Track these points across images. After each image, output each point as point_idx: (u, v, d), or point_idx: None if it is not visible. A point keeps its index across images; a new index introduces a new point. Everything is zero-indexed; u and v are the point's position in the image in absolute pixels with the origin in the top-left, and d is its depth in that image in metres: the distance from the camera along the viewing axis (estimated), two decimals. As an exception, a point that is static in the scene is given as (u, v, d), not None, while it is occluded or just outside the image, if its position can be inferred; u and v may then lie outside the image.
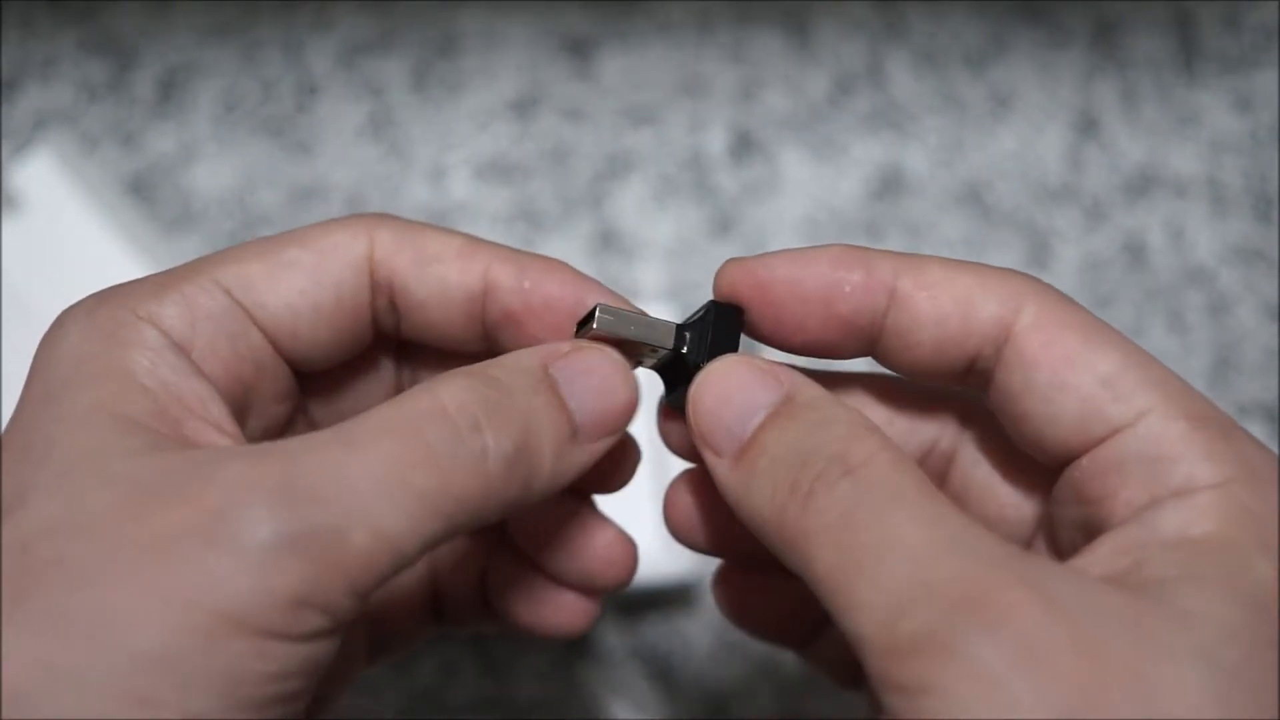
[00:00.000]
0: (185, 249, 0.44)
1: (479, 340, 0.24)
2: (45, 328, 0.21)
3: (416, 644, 0.28)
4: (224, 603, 0.17)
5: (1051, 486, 0.22)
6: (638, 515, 0.27)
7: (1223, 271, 0.45)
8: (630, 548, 0.25)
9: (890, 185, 0.46)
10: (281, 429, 0.24)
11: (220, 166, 0.46)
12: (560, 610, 0.26)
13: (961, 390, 0.24)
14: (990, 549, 0.18)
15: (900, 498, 0.19)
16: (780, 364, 0.22)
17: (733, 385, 0.22)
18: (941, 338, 0.22)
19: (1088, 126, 0.47)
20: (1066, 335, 0.21)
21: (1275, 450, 0.43)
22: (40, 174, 0.41)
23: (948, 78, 0.47)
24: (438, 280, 0.23)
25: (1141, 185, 0.46)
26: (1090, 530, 0.20)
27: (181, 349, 0.21)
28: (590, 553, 0.25)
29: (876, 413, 0.25)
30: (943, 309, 0.22)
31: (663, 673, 0.40)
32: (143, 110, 0.46)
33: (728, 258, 0.24)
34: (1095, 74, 0.48)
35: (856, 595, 0.18)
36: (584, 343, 0.23)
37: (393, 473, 0.19)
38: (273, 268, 0.23)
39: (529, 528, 0.25)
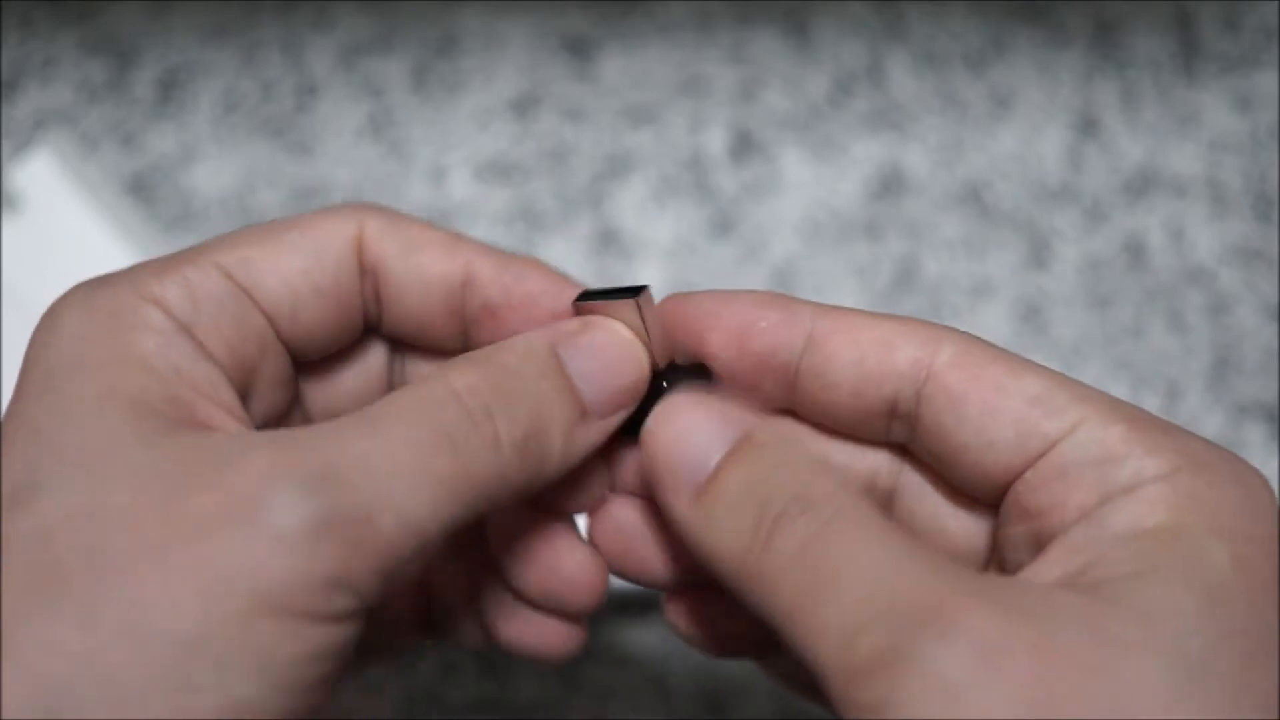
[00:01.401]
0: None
1: (457, 337, 0.24)
2: (45, 327, 0.21)
3: (405, 653, 0.28)
4: (260, 585, 0.17)
5: (997, 513, 0.22)
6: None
7: (1223, 271, 0.45)
8: (599, 571, 0.25)
9: (890, 185, 0.46)
10: (281, 416, 0.24)
11: (220, 166, 0.46)
12: (543, 633, 0.26)
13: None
14: (942, 566, 0.18)
15: (855, 528, 0.19)
16: (737, 405, 0.22)
17: (690, 423, 0.22)
18: (859, 378, 0.22)
19: (1088, 126, 0.47)
20: (989, 368, 0.21)
21: (1276, 451, 0.43)
22: (40, 174, 0.41)
23: (948, 78, 0.47)
24: (419, 268, 0.24)
25: (1141, 185, 0.46)
26: (1040, 544, 0.20)
27: (186, 330, 0.21)
28: (559, 572, 0.25)
29: (815, 444, 0.24)
30: (860, 349, 0.22)
31: (662, 673, 0.40)
32: (143, 110, 0.46)
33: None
34: (1095, 74, 0.48)
35: (815, 623, 0.18)
36: (592, 319, 0.23)
37: (415, 459, 0.19)
38: (271, 250, 0.23)
39: (505, 543, 0.25)
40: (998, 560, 0.23)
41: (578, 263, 0.45)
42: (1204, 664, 0.17)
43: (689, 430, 0.22)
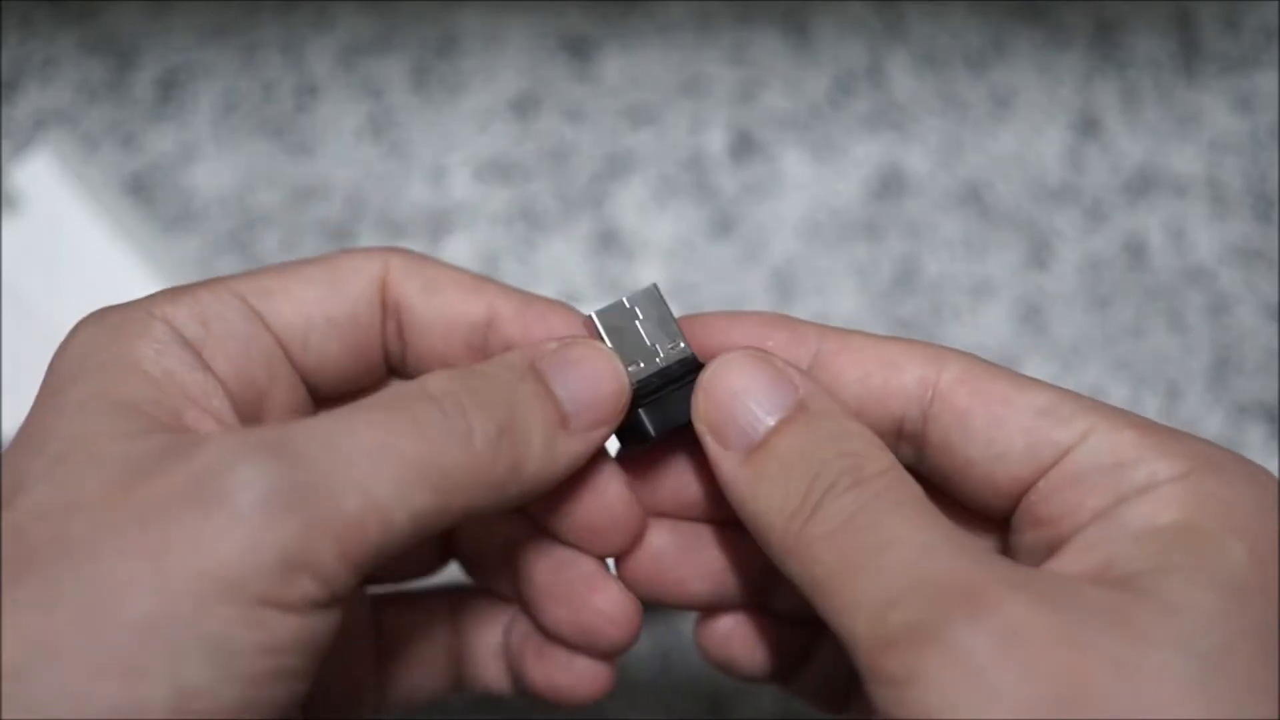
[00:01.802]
0: (185, 249, 0.44)
1: None
2: (45, 327, 0.21)
3: (434, 698, 0.27)
4: (213, 564, 0.17)
5: (1002, 530, 0.22)
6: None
7: (1223, 271, 0.45)
8: (632, 608, 0.25)
9: (890, 185, 0.46)
10: None
11: (220, 166, 0.46)
12: (572, 674, 0.25)
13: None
14: (978, 553, 0.19)
15: (901, 506, 0.19)
16: (794, 367, 0.22)
17: (747, 380, 0.22)
18: (863, 398, 0.22)
19: (1088, 126, 0.47)
20: (994, 383, 0.21)
21: (1276, 450, 0.43)
22: (40, 174, 0.41)
23: (948, 78, 0.47)
24: (442, 306, 0.24)
25: (1141, 185, 0.46)
26: (1053, 550, 0.21)
27: (191, 345, 0.21)
28: (593, 608, 0.24)
29: None
30: (865, 369, 0.22)
31: (662, 673, 0.40)
32: (143, 110, 0.46)
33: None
34: (1095, 74, 0.48)
35: (852, 594, 0.19)
36: (571, 337, 0.23)
37: (381, 440, 0.19)
38: (289, 281, 0.23)
39: (535, 581, 0.25)
40: None
41: (577, 263, 0.45)
42: (1221, 661, 0.17)
43: (746, 389, 0.22)
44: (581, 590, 0.24)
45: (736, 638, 0.25)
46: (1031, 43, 0.48)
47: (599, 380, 0.22)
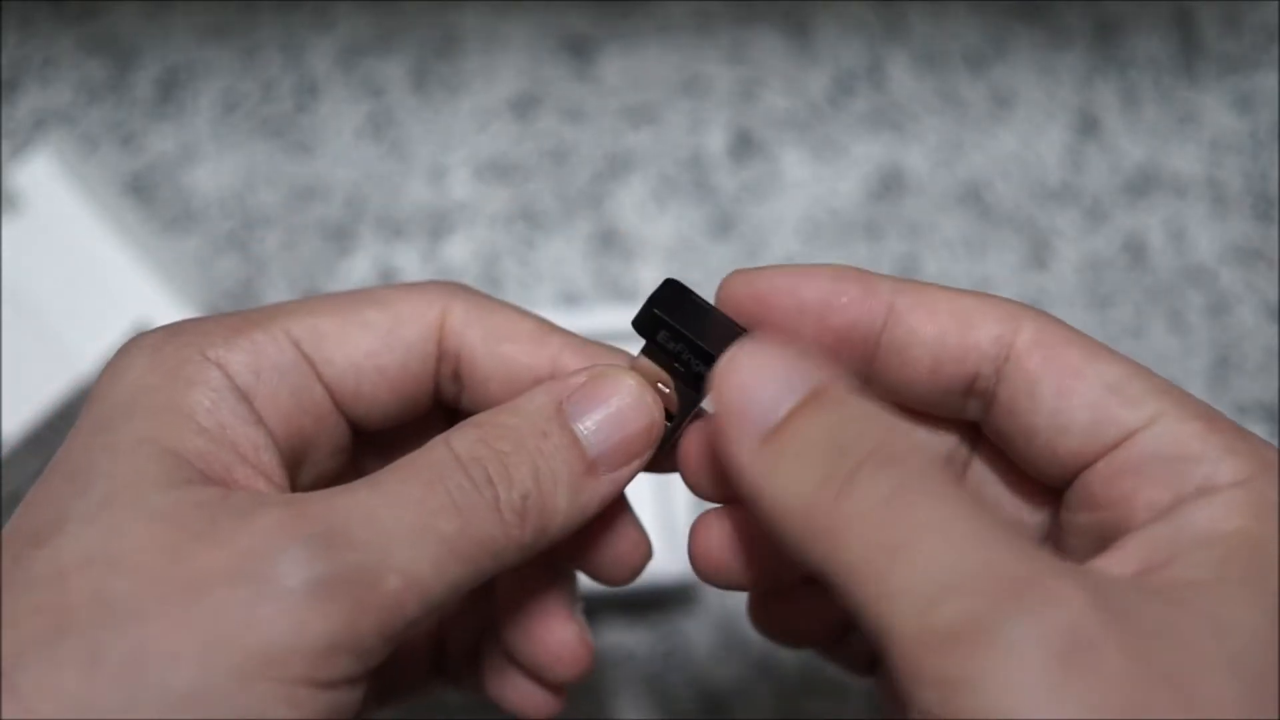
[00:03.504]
0: (185, 249, 0.44)
1: None
2: (45, 327, 0.21)
3: (418, 698, 0.28)
4: (260, 645, 0.18)
5: (1058, 501, 0.22)
6: (639, 515, 0.26)
7: (1223, 271, 0.45)
8: (583, 648, 0.25)
9: (890, 185, 0.46)
10: (333, 480, 0.24)
11: (220, 166, 0.46)
12: (523, 695, 0.26)
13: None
14: (1027, 543, 0.18)
15: (940, 492, 0.18)
16: (815, 352, 0.21)
17: (765, 365, 0.20)
18: (939, 355, 0.22)
19: (1088, 126, 0.47)
20: (1067, 350, 0.21)
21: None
22: (40, 174, 0.41)
23: (948, 78, 0.47)
24: (506, 359, 0.24)
25: (1141, 185, 0.46)
26: (1105, 536, 0.20)
27: (244, 395, 0.21)
28: (545, 644, 0.25)
29: None
30: (941, 325, 0.22)
31: (663, 673, 0.40)
32: (143, 110, 0.46)
33: (735, 268, 0.23)
34: (1095, 74, 0.48)
35: (890, 583, 0.17)
36: (598, 369, 0.22)
37: (420, 519, 0.19)
38: (345, 325, 0.23)
39: (505, 605, 0.25)
40: (1054, 547, 0.23)
41: (577, 263, 0.45)
42: (1268, 681, 0.17)
43: (763, 372, 0.20)
44: (540, 624, 0.25)
45: (794, 614, 0.25)
46: (1031, 43, 0.48)
47: (626, 420, 0.22)
